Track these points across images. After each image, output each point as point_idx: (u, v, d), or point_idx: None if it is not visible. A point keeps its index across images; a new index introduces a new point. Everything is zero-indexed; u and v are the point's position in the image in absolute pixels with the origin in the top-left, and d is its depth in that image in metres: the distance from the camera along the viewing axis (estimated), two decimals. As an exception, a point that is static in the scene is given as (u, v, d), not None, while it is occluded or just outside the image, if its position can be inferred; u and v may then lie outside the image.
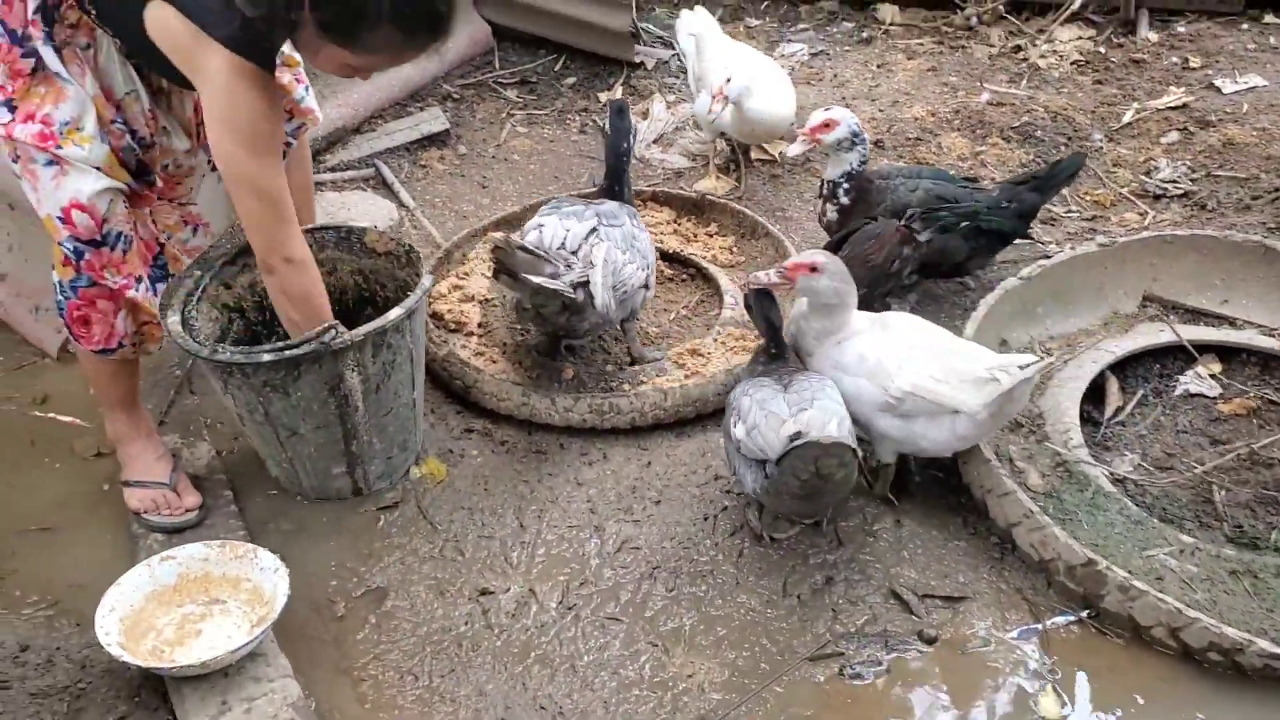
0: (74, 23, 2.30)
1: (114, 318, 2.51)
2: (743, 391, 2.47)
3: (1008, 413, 2.50)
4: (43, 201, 2.36)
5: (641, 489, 2.72)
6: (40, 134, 2.29)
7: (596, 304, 2.69)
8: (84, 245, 2.38)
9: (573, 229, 2.81)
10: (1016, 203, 3.09)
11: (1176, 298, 3.11)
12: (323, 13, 2.10)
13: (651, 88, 4.49)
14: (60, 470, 2.86)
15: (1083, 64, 4.41)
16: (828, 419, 2.31)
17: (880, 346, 2.53)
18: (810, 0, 5.04)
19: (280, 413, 2.53)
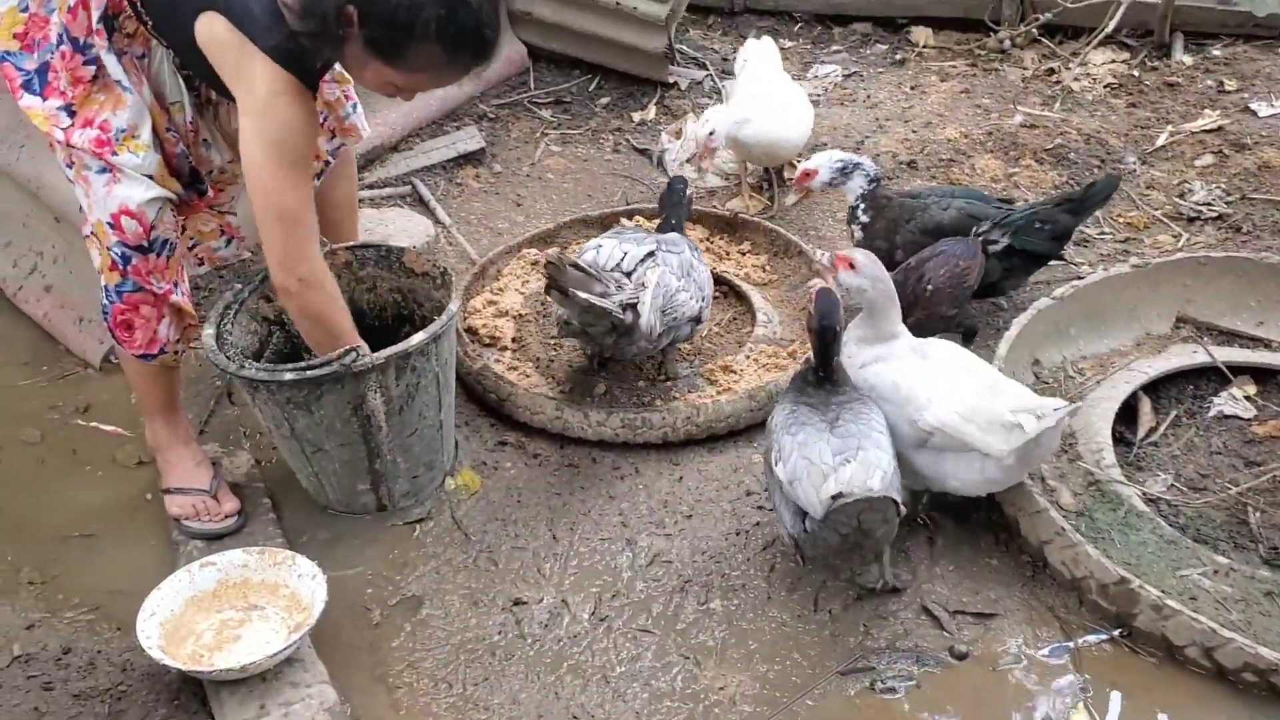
0: (131, 32, 2.38)
1: (157, 324, 2.56)
2: (784, 426, 2.40)
3: (1036, 457, 2.46)
4: (94, 207, 2.42)
5: (673, 503, 2.74)
6: (97, 139, 2.35)
7: (641, 323, 2.71)
8: (131, 251, 2.43)
9: (630, 251, 2.85)
10: (1050, 224, 3.09)
11: (1211, 319, 3.11)
12: (370, 29, 2.16)
13: (685, 108, 4.53)
14: (102, 478, 2.91)
15: (1116, 87, 4.41)
16: (870, 473, 2.24)
17: (914, 375, 2.50)
18: (844, 22, 5.07)
19: (305, 429, 2.57)
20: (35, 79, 2.38)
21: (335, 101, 2.78)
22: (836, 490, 2.21)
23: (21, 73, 2.39)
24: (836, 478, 2.23)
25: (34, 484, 2.88)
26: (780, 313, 3.31)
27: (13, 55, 2.39)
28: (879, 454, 2.30)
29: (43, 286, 3.39)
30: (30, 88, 2.38)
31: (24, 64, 2.38)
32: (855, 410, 2.40)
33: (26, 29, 2.37)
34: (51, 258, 3.39)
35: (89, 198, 2.43)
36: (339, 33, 2.17)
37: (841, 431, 2.34)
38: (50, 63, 2.37)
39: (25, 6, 2.37)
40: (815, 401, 2.44)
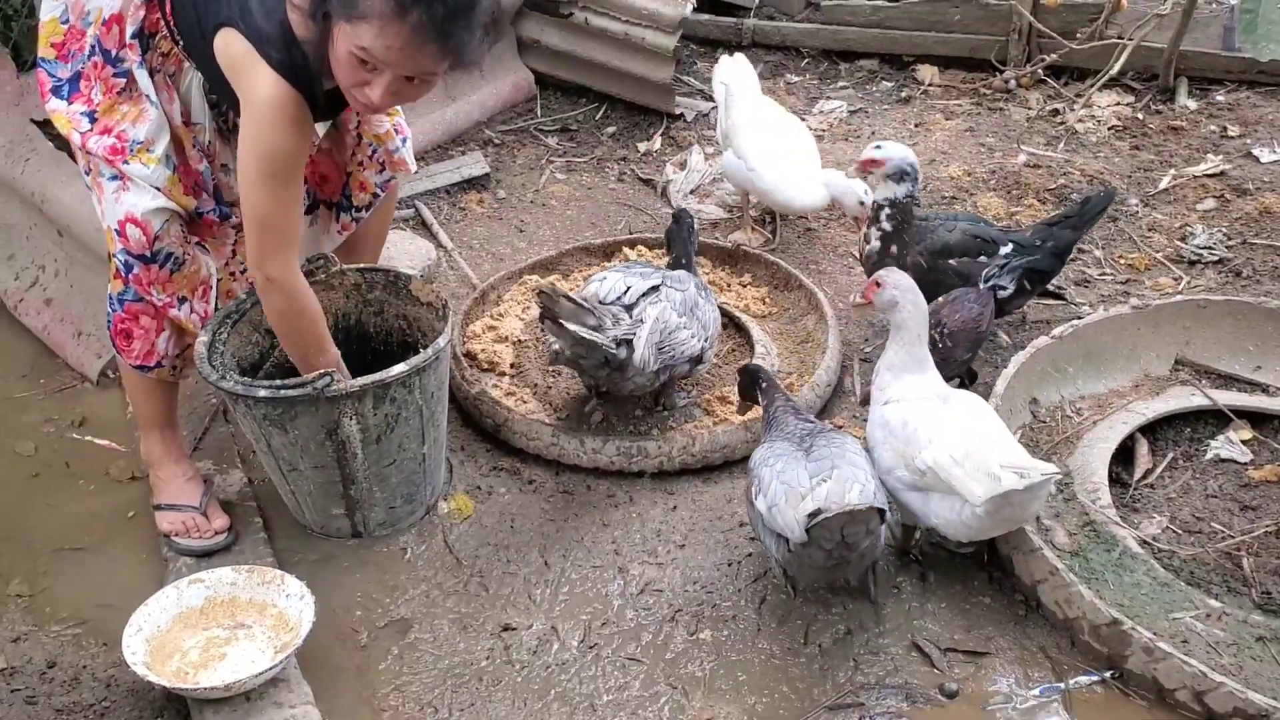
0: (165, 52, 2.42)
1: (155, 336, 2.58)
2: (762, 461, 2.45)
3: (1011, 517, 2.42)
4: (105, 214, 2.47)
5: (666, 532, 2.73)
6: (112, 147, 2.39)
7: (634, 359, 2.71)
8: (134, 259, 2.45)
9: (634, 285, 2.83)
10: (1051, 241, 3.11)
11: (1209, 362, 3.10)
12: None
13: (690, 139, 4.55)
14: (94, 492, 2.90)
15: (1120, 129, 4.43)
16: (847, 488, 2.27)
17: (925, 417, 2.49)
18: (850, 59, 5.10)
19: (280, 447, 2.57)
20: (66, 86, 2.44)
21: (385, 134, 2.79)
22: (814, 508, 2.23)
23: (53, 79, 2.45)
24: (813, 496, 2.26)
25: (26, 496, 2.88)
26: (779, 345, 3.31)
27: (48, 63, 2.45)
28: (854, 470, 2.33)
29: (43, 299, 3.40)
30: (59, 93, 2.44)
31: (57, 71, 2.45)
32: (829, 437, 2.47)
33: (65, 40, 2.44)
34: (53, 271, 3.40)
35: (101, 204, 2.47)
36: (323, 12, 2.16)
37: (816, 455, 2.39)
38: (83, 71, 2.43)
39: (66, 19, 2.43)
40: (788, 432, 2.49)
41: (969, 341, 2.94)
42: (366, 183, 2.83)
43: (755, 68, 4.41)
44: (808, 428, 2.51)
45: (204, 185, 2.56)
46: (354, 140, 2.79)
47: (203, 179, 2.55)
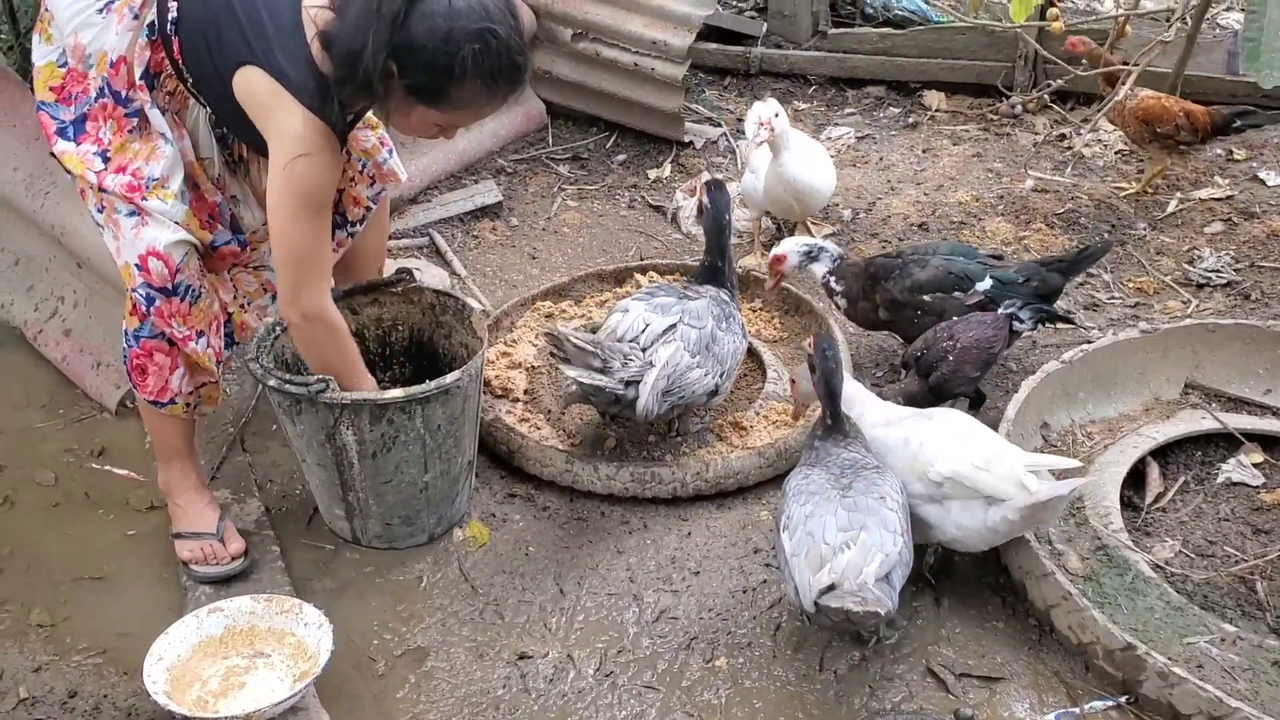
0: (171, 90, 2.45)
1: (169, 373, 2.60)
2: (795, 492, 2.42)
3: (1041, 519, 2.50)
4: (122, 250, 2.48)
5: (681, 559, 2.74)
6: (129, 185, 2.42)
7: (638, 405, 2.74)
8: (155, 292, 2.48)
9: (653, 324, 2.85)
10: (1037, 281, 3.14)
11: (1219, 386, 3.12)
12: (411, 77, 2.25)
13: (700, 166, 4.58)
14: (114, 521, 2.93)
15: (1127, 153, 4.45)
16: (868, 559, 2.24)
17: (924, 433, 2.56)
18: (857, 85, 5.14)
19: (293, 437, 2.69)
20: (71, 128, 2.46)
21: (372, 148, 2.85)
22: (829, 582, 2.22)
23: (56, 121, 2.47)
24: (832, 566, 2.23)
25: (47, 526, 2.91)
26: (791, 370, 3.33)
27: (48, 105, 2.48)
28: (883, 534, 2.28)
29: (62, 330, 3.43)
30: (65, 135, 2.46)
31: (60, 114, 2.47)
32: (869, 479, 2.40)
33: (64, 83, 2.46)
34: (72, 302, 3.44)
35: (118, 241, 2.49)
36: (381, 87, 2.25)
37: (850, 504, 2.34)
38: (88, 113, 2.45)
39: (64, 62, 2.45)
40: (827, 459, 2.46)
41: (979, 360, 2.96)
42: (359, 197, 2.88)
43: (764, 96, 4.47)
44: (851, 459, 2.46)
45: (220, 217, 2.60)
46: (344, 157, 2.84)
47: (219, 210, 2.59)
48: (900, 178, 4.43)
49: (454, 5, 2.20)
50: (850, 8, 5.55)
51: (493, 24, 2.23)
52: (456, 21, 2.20)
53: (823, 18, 5.29)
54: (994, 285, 3.12)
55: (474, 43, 2.22)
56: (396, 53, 2.22)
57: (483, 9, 2.23)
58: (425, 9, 2.20)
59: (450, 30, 2.20)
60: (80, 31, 2.41)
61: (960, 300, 3.11)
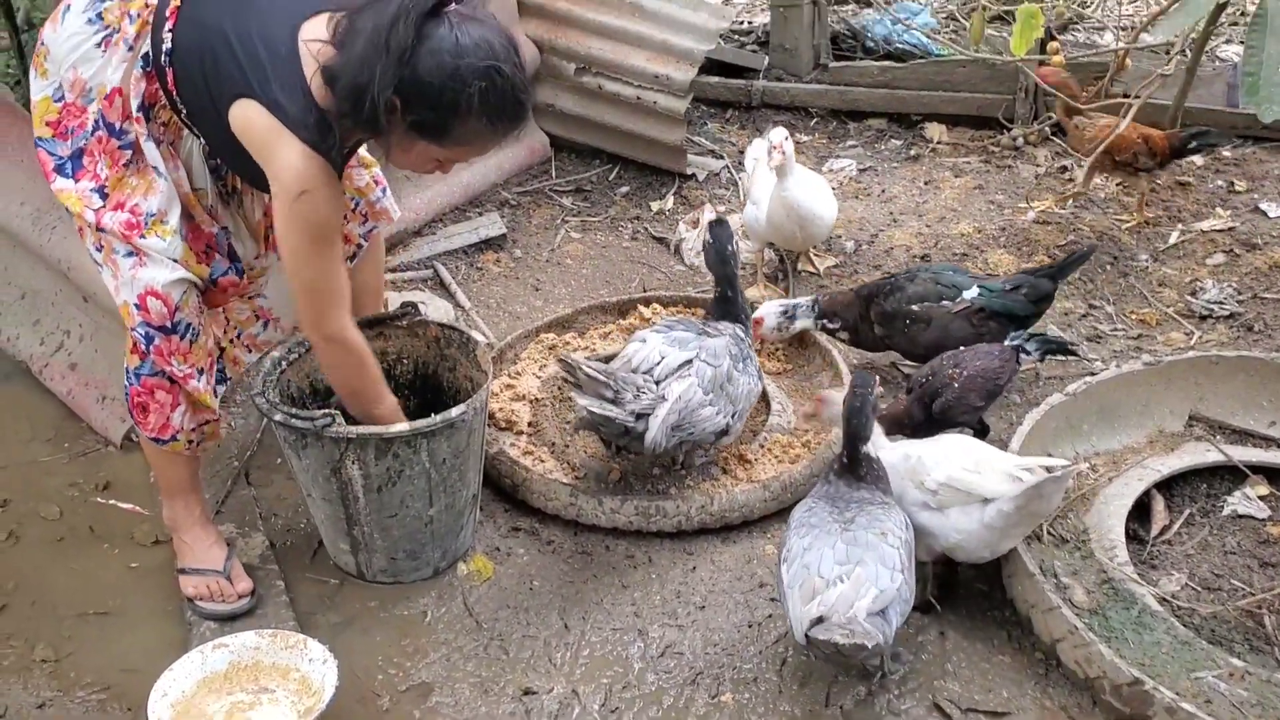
0: (165, 121, 2.45)
1: (170, 411, 2.60)
2: (797, 524, 2.42)
3: (1037, 512, 2.52)
4: (120, 289, 2.49)
5: (686, 594, 2.74)
6: (127, 223, 2.43)
7: (646, 439, 2.74)
8: (154, 331, 2.49)
9: (669, 357, 2.84)
10: (1027, 288, 3.21)
11: (1223, 418, 3.12)
12: (415, 114, 2.25)
13: (702, 198, 4.61)
14: (119, 556, 2.93)
15: (1128, 185, 4.47)
16: (861, 593, 2.22)
17: (925, 446, 2.63)
18: (859, 118, 5.17)
19: (299, 471, 2.69)
20: (68, 164, 2.46)
21: (366, 186, 2.87)
22: (818, 614, 2.20)
23: (54, 157, 2.46)
24: (822, 599, 2.22)
25: (51, 561, 2.91)
26: (795, 402, 3.34)
27: (46, 141, 2.47)
28: (880, 570, 2.26)
29: (68, 364, 3.44)
30: (63, 171, 2.46)
31: (57, 150, 2.46)
32: (873, 514, 2.39)
33: (60, 118, 2.45)
34: (78, 336, 3.45)
35: (116, 280, 2.49)
36: (383, 122, 2.25)
37: (850, 538, 2.33)
38: (85, 148, 2.44)
39: (60, 96, 2.44)
40: (836, 495, 2.46)
41: (983, 390, 2.98)
42: (351, 235, 2.90)
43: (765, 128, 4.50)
44: (858, 496, 2.45)
45: (218, 247, 2.60)
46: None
47: (215, 240, 2.59)
48: (902, 209, 4.45)
49: (461, 42, 2.21)
50: (851, 41, 5.60)
51: (499, 62, 2.24)
52: (464, 59, 2.20)
53: (824, 51, 5.33)
54: (981, 293, 3.18)
55: (480, 80, 2.22)
56: (402, 88, 2.21)
57: (489, 46, 2.23)
58: (433, 45, 2.20)
59: (458, 68, 2.20)
60: (79, 66, 2.40)
61: (948, 308, 3.17)
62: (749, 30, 5.90)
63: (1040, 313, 3.28)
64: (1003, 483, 2.46)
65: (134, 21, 2.39)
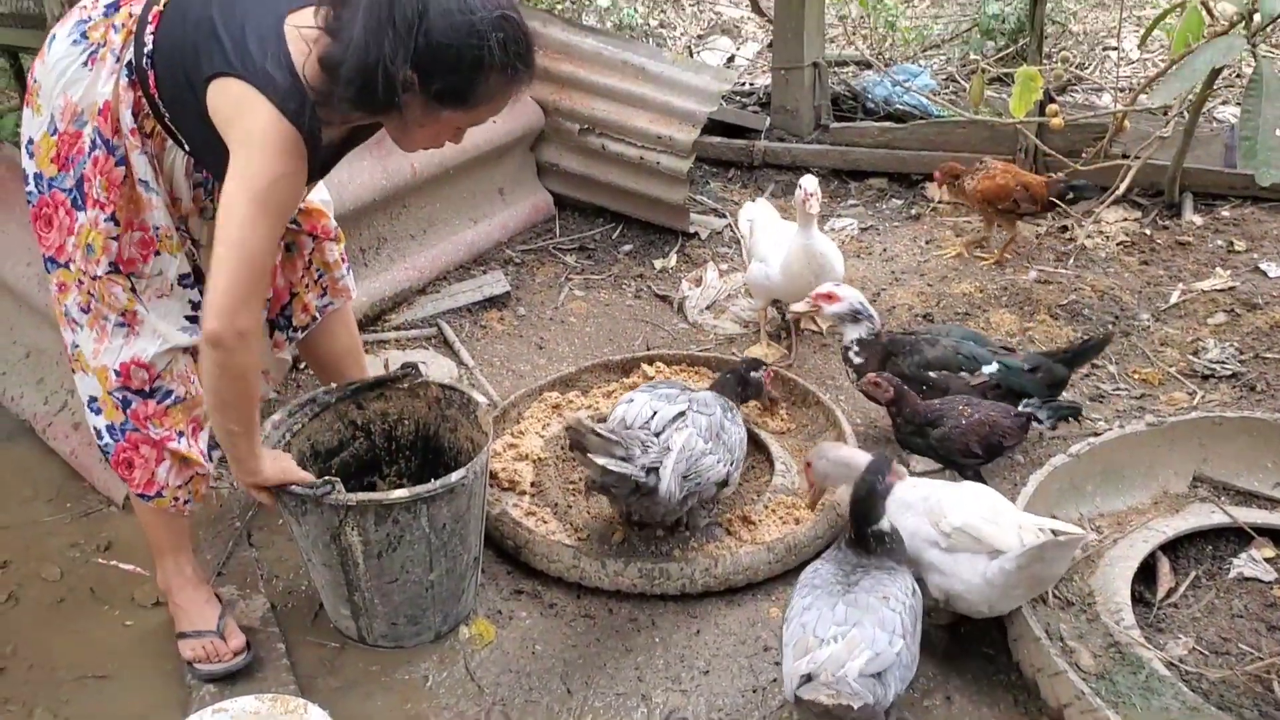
0: (149, 132, 2.37)
1: (155, 465, 2.58)
2: (801, 585, 2.41)
3: (1039, 576, 2.52)
4: (102, 353, 2.47)
5: (690, 658, 2.72)
6: (142, 241, 2.41)
7: (660, 489, 2.73)
8: (132, 395, 2.49)
9: (660, 410, 2.85)
10: (1044, 371, 3.22)
11: (1227, 479, 3.11)
12: (439, 82, 2.15)
13: (705, 256, 4.64)
14: (119, 617, 2.91)
15: (1129, 245, 4.50)
16: (853, 654, 2.19)
17: (943, 488, 2.65)
18: (860, 177, 5.22)
19: (299, 537, 2.68)
20: (75, 194, 2.38)
21: (333, 263, 2.85)
22: (807, 671, 2.17)
23: (66, 192, 2.39)
24: (812, 657, 2.19)
25: (51, 623, 2.89)
26: (799, 462, 3.33)
27: (56, 179, 2.39)
28: (877, 633, 2.23)
29: (71, 423, 3.45)
30: (76, 204, 2.39)
31: (65, 184, 2.38)
32: (877, 578, 2.37)
33: (59, 149, 2.37)
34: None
35: (99, 344, 2.46)
36: (399, 100, 2.14)
37: (850, 600, 2.31)
38: (84, 173, 2.36)
39: (54, 130, 2.36)
40: (844, 559, 2.45)
41: (985, 440, 3.01)
42: (309, 305, 2.87)
43: (767, 187, 4.54)
44: (864, 562, 2.43)
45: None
46: (304, 264, 2.83)
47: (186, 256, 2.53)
48: (904, 268, 4.48)
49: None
50: (852, 102, 5.67)
51: (505, 9, 2.15)
52: (475, 13, 2.10)
53: (825, 112, 5.40)
54: (1000, 370, 3.17)
55: (497, 31, 2.12)
56: (418, 60, 2.10)
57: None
58: (441, 7, 2.09)
59: (472, 23, 2.10)
60: (69, 89, 2.33)
61: (965, 380, 3.17)
62: (750, 91, 5.97)
63: (1053, 396, 3.27)
64: (1014, 538, 2.47)
65: (119, 31, 2.33)
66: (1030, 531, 2.49)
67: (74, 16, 2.39)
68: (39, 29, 3.31)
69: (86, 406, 2.56)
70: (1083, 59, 6.42)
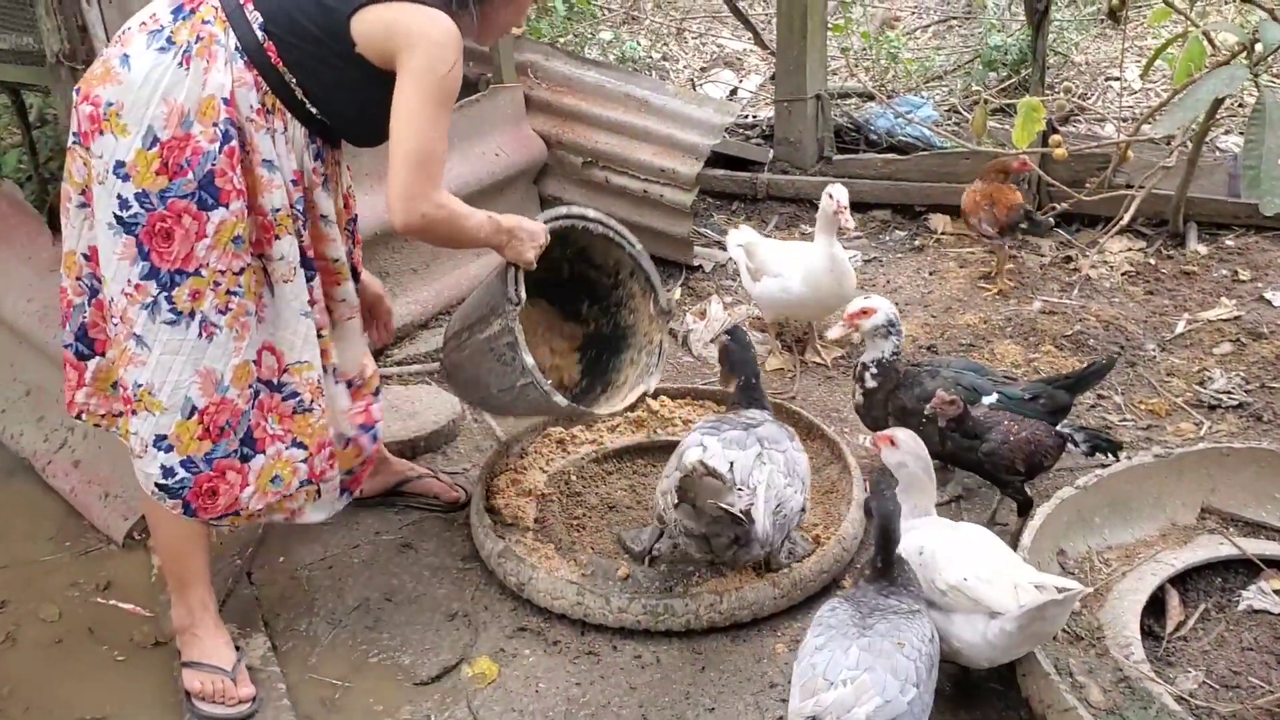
0: (270, 107, 2.44)
1: (239, 490, 2.57)
2: (816, 623, 2.36)
3: (1040, 632, 2.47)
4: (244, 349, 2.49)
5: (695, 695, 2.68)
6: (263, 225, 2.47)
7: (756, 530, 2.68)
8: (261, 385, 2.55)
9: (738, 459, 2.75)
10: (1045, 399, 3.17)
11: (1235, 510, 3.09)
12: None
13: (709, 289, 4.63)
14: (118, 658, 2.88)
15: (1133, 275, 4.49)
16: (861, 701, 2.14)
17: (939, 541, 2.57)
18: (863, 209, 5.21)
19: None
20: (203, 194, 2.37)
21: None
22: (813, 713, 2.13)
23: (188, 197, 2.37)
24: (819, 699, 2.14)
25: (49, 664, 2.86)
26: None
27: (170, 189, 2.36)
28: (889, 680, 2.18)
29: (71, 461, 3.43)
30: (205, 205, 2.38)
31: (184, 189, 2.36)
32: (894, 622, 2.32)
33: (164, 159, 2.35)
34: (82, 433, 3.45)
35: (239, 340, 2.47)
36: None
37: (865, 644, 2.26)
38: (214, 168, 2.36)
39: (153, 141, 2.34)
40: (863, 599, 2.41)
41: (1030, 457, 2.98)
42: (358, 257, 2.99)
43: (771, 220, 4.55)
44: (886, 604, 2.39)
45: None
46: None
47: None
48: (908, 300, 4.47)
49: None
50: (854, 134, 5.68)
51: None
52: None
53: (828, 144, 5.40)
54: (1000, 399, 3.14)
55: None
56: None
57: None
58: None
59: None
60: (169, 95, 2.33)
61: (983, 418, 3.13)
62: (753, 124, 5.99)
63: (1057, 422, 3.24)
64: (1011, 598, 2.39)
65: (213, 23, 2.38)
66: (1026, 590, 2.41)
67: (137, 32, 2.41)
68: (39, 65, 3.31)
69: (152, 446, 2.49)
70: (1085, 89, 6.44)
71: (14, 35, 3.57)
